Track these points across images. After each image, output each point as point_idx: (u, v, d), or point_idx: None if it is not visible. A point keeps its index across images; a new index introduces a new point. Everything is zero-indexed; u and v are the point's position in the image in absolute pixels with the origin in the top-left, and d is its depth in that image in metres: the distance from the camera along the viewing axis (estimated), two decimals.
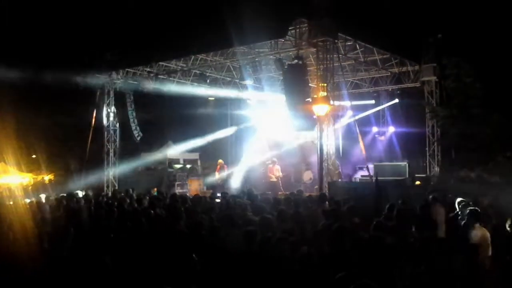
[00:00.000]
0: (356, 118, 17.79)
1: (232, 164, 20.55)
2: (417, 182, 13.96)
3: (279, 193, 15.66)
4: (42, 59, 19.56)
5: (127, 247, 5.44)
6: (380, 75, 18.40)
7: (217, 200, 10.55)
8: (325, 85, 13.51)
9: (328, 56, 13.61)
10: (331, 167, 14.46)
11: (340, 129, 18.92)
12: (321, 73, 13.65)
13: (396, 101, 18.82)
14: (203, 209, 8.38)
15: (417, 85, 17.40)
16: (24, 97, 19.68)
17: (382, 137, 20.30)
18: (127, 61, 17.20)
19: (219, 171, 19.02)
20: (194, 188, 19.23)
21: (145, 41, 15.87)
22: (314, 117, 13.14)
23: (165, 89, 18.77)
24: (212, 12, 14.08)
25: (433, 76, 16.79)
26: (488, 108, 14.37)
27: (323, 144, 13.66)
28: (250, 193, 10.59)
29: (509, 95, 14.35)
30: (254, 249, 4.96)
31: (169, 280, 4.03)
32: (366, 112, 19.37)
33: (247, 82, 18.15)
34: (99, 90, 17.88)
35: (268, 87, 18.20)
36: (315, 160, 15.01)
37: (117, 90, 18.71)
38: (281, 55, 15.05)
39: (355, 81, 19.16)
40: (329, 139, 14.61)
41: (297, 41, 14.16)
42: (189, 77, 18.82)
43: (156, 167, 21.30)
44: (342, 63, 15.25)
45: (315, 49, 13.97)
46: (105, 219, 7.61)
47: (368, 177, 15.50)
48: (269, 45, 15.11)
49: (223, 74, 18.81)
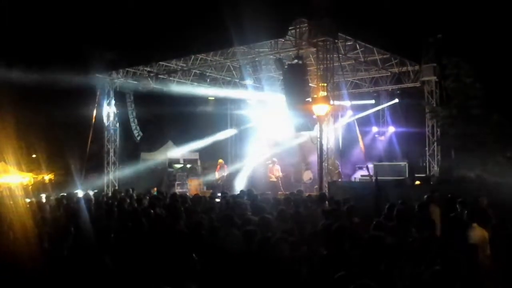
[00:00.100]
0: (356, 117, 17.80)
1: (232, 164, 20.58)
2: (417, 182, 13.96)
3: (279, 193, 15.68)
4: (42, 59, 19.60)
5: (127, 247, 5.44)
6: (380, 75, 18.39)
7: (217, 200, 10.55)
8: (325, 85, 13.52)
9: (328, 56, 13.61)
10: (331, 167, 14.46)
11: (340, 129, 18.98)
12: (321, 73, 13.66)
13: (396, 101, 18.81)
14: (203, 209, 8.37)
15: (417, 85, 17.39)
16: (24, 97, 19.70)
17: (382, 137, 20.30)
18: (127, 60, 17.22)
19: (219, 171, 19.05)
20: (194, 188, 19.26)
21: (145, 40, 15.87)
22: (314, 117, 13.14)
23: (165, 88, 18.81)
24: (212, 12, 14.07)
25: (433, 76, 16.79)
26: (488, 108, 14.37)
27: (323, 144, 13.67)
28: (250, 193, 10.59)
29: (509, 95, 14.36)
30: (253, 249, 4.96)
31: (169, 280, 4.04)
32: (366, 111, 19.37)
33: (247, 82, 18.15)
34: (99, 90, 17.90)
35: (268, 87, 18.19)
36: (315, 160, 15.01)
37: (117, 90, 18.74)
38: (281, 55, 15.05)
39: (355, 81, 19.15)
40: (329, 139, 14.61)
41: (297, 41, 14.17)
42: (189, 77, 18.83)
43: (156, 167, 21.33)
44: (342, 63, 15.25)
45: (315, 49, 13.98)
46: (105, 219, 7.63)
47: (368, 177, 15.50)
48: (269, 45, 15.12)
49: (223, 74, 18.81)
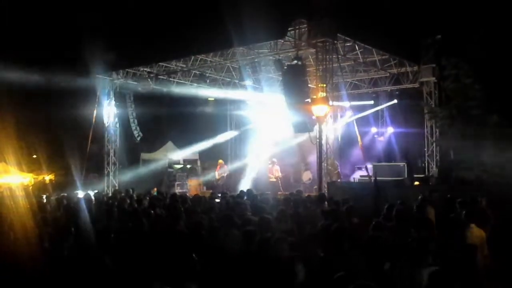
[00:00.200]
0: (355, 117, 17.82)
1: (232, 164, 20.61)
2: (416, 182, 14.00)
3: (278, 193, 15.71)
4: (43, 59, 19.60)
5: (127, 247, 5.46)
6: (379, 76, 18.40)
7: (217, 200, 10.57)
8: (324, 85, 13.55)
9: (327, 56, 13.63)
10: (330, 167, 14.50)
11: (339, 130, 19.02)
12: (321, 74, 13.68)
13: (395, 101, 18.83)
14: (203, 209, 8.39)
15: (416, 86, 17.40)
16: (25, 97, 19.72)
17: (381, 138, 20.33)
18: (127, 61, 17.25)
19: (219, 171, 19.08)
20: (194, 188, 19.29)
21: (145, 41, 15.90)
22: (313, 117, 13.17)
23: (165, 89, 18.85)
24: (211, 12, 14.09)
25: (432, 77, 16.81)
26: (487, 109, 14.37)
27: (322, 144, 13.70)
28: (249, 193, 10.62)
29: (508, 96, 14.36)
30: (253, 249, 4.97)
31: (169, 280, 4.06)
32: (365, 112, 19.39)
33: (246, 82, 18.20)
34: (99, 90, 17.93)
35: (267, 88, 18.23)
36: (314, 160, 15.03)
37: (117, 90, 18.78)
38: (281, 55, 15.08)
39: (354, 81, 19.17)
40: (329, 140, 14.65)
41: (297, 42, 14.20)
42: (189, 78, 18.87)
43: (156, 167, 21.36)
44: (341, 64, 15.26)
45: (314, 49, 14.01)
46: (105, 219, 7.65)
47: (367, 177, 15.53)
48: (269, 45, 15.16)
49: (223, 74, 18.84)
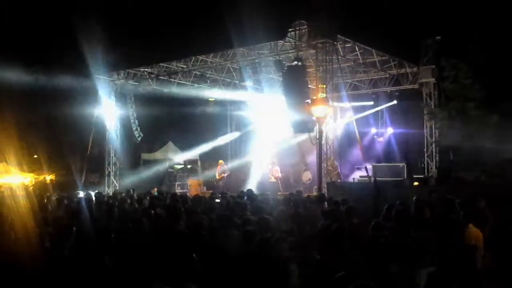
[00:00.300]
0: (355, 117, 17.85)
1: (232, 164, 20.62)
2: (415, 183, 14.01)
3: (278, 193, 15.73)
4: (43, 60, 19.66)
5: (128, 247, 5.48)
6: (379, 77, 18.43)
7: (217, 200, 10.59)
8: (324, 86, 13.60)
9: (327, 57, 13.69)
10: (330, 168, 14.53)
11: (339, 130, 19.04)
12: (321, 75, 13.73)
13: (394, 102, 18.86)
14: (203, 209, 8.40)
15: (416, 86, 17.43)
16: (26, 98, 19.76)
17: (380, 138, 20.35)
18: (127, 62, 17.30)
19: (220, 171, 19.10)
20: (194, 188, 19.30)
21: (146, 42, 15.95)
22: (313, 118, 13.21)
23: (165, 90, 18.89)
24: (212, 13, 14.15)
25: (432, 78, 16.83)
26: (486, 109, 14.40)
27: (322, 145, 13.74)
28: (249, 193, 10.65)
29: (508, 96, 14.38)
30: (253, 249, 4.99)
31: (169, 280, 4.09)
32: (365, 112, 19.42)
33: (247, 83, 18.22)
34: (100, 91, 17.96)
35: (267, 89, 18.26)
36: (314, 160, 15.07)
37: (118, 91, 18.82)
38: (281, 56, 15.14)
39: (354, 82, 19.21)
40: (328, 140, 14.68)
41: (297, 43, 14.26)
42: (190, 78, 18.91)
43: (156, 167, 21.40)
44: (341, 65, 15.30)
45: (314, 50, 14.06)
46: (106, 219, 7.67)
47: (366, 178, 15.55)
48: (269, 46, 15.20)
49: (223, 75, 18.88)
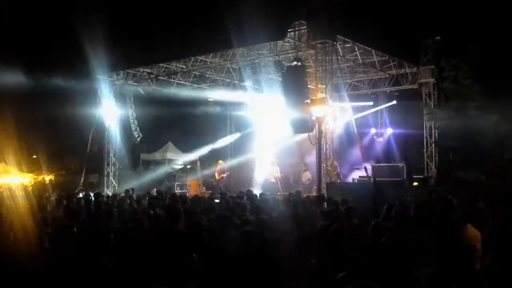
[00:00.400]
0: (354, 117, 17.86)
1: (232, 164, 20.62)
2: (415, 183, 14.02)
3: (277, 193, 15.73)
4: (43, 60, 19.64)
5: (127, 247, 5.47)
6: (378, 77, 18.43)
7: (216, 200, 10.59)
8: (324, 86, 13.61)
9: (327, 58, 13.68)
10: (329, 168, 14.52)
11: (338, 130, 19.04)
12: (320, 75, 13.73)
13: (394, 102, 18.86)
14: (202, 209, 8.39)
15: (415, 87, 17.43)
16: (25, 98, 19.74)
17: (380, 138, 20.37)
18: (127, 62, 17.29)
19: (219, 172, 19.10)
20: (193, 188, 19.31)
21: (145, 42, 15.94)
22: (313, 118, 13.21)
23: (165, 90, 18.88)
24: (212, 13, 14.15)
25: (431, 78, 16.84)
26: (486, 109, 14.40)
27: (321, 145, 13.73)
28: (249, 193, 10.64)
29: (508, 96, 14.39)
30: (252, 249, 4.99)
31: (169, 280, 4.09)
32: (364, 112, 19.43)
33: (246, 83, 18.22)
34: (99, 91, 17.96)
35: (267, 89, 18.26)
36: (313, 160, 15.07)
37: (118, 91, 18.81)
38: (280, 57, 15.13)
39: (354, 82, 19.21)
40: (328, 140, 14.67)
41: (296, 43, 14.27)
42: (189, 79, 18.90)
43: (155, 167, 21.40)
44: (340, 65, 15.31)
45: (314, 51, 14.05)
46: (105, 219, 7.64)
47: (366, 178, 15.55)
48: (269, 47, 15.20)
49: (223, 75, 18.87)
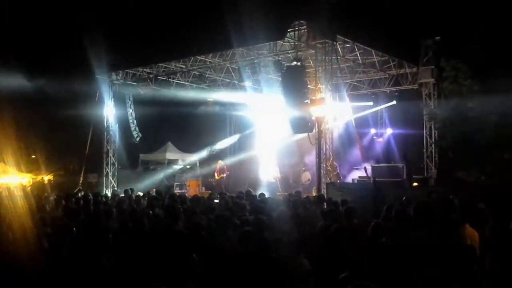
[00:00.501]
0: (354, 117, 17.86)
1: (231, 164, 20.61)
2: (415, 183, 14.02)
3: (277, 194, 15.72)
4: (42, 60, 19.62)
5: (126, 247, 5.46)
6: (378, 77, 18.43)
7: (216, 200, 10.57)
8: (324, 86, 13.59)
9: (326, 58, 13.67)
10: (329, 168, 14.51)
11: (338, 130, 19.03)
12: (320, 75, 13.72)
13: (394, 102, 18.87)
14: (202, 209, 8.38)
15: (415, 87, 17.44)
16: (24, 97, 19.70)
17: (380, 139, 20.37)
18: (126, 62, 17.27)
19: (219, 172, 19.09)
20: (193, 188, 19.31)
21: (145, 42, 15.92)
22: (312, 118, 13.19)
23: (164, 90, 18.86)
24: (211, 13, 14.12)
25: (431, 78, 16.85)
26: (486, 110, 14.39)
27: (321, 145, 13.72)
28: (248, 194, 10.63)
29: (507, 97, 14.38)
30: (251, 250, 4.98)
31: (168, 280, 4.07)
32: (364, 112, 19.43)
33: (246, 83, 18.21)
34: (98, 91, 17.94)
35: (267, 89, 18.26)
36: (313, 160, 15.06)
37: (117, 91, 18.78)
38: (280, 57, 15.12)
39: (354, 82, 19.21)
40: (328, 140, 14.66)
41: (296, 43, 14.25)
42: (188, 79, 18.88)
43: (155, 167, 21.38)
44: (340, 65, 15.29)
45: (314, 51, 14.05)
46: (104, 219, 7.63)
47: (366, 178, 15.55)
48: (268, 47, 15.19)
49: (222, 75, 18.86)
